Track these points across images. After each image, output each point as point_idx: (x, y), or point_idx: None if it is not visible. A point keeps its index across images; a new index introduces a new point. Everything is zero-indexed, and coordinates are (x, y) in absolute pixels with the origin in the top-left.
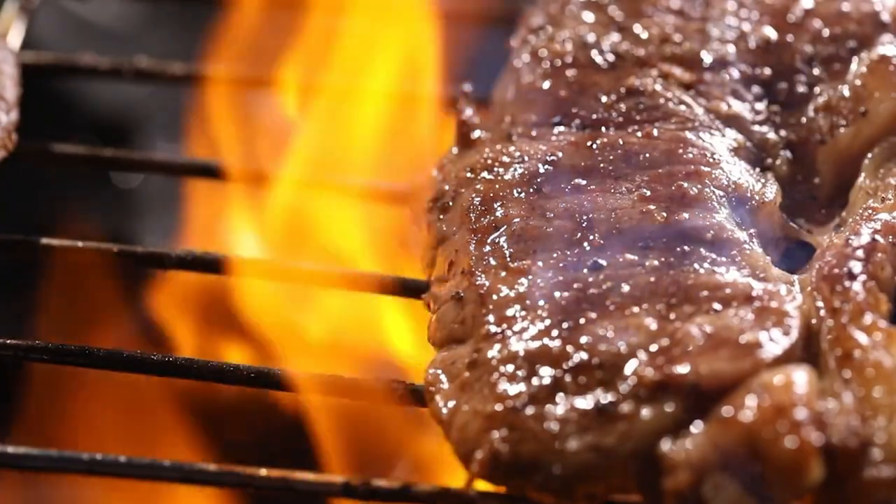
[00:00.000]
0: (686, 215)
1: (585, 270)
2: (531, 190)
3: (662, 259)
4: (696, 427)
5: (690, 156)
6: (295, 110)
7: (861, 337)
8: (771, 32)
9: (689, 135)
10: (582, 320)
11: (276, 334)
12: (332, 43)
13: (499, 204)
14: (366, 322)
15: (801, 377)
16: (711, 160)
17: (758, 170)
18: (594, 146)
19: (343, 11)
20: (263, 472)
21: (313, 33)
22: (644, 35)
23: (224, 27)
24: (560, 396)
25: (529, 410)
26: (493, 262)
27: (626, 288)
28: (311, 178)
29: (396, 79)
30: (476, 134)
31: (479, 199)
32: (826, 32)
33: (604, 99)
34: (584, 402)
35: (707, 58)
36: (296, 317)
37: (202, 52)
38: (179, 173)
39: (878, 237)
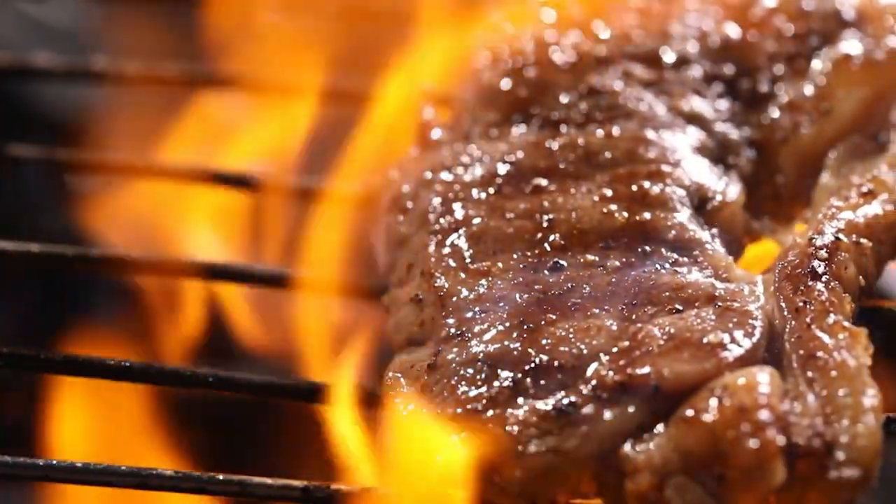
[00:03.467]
0: (647, 215)
1: (546, 271)
2: (491, 191)
3: (624, 260)
4: (659, 429)
5: (652, 155)
6: (252, 109)
7: (824, 337)
8: (733, 30)
9: (650, 134)
10: (542, 322)
11: (237, 336)
12: (291, 41)
13: (458, 205)
14: (321, 324)
15: (764, 378)
16: (673, 159)
17: (720, 169)
18: (554, 146)
19: (300, 10)
20: (221, 476)
21: (273, 32)
22: (605, 34)
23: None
24: (521, 399)
25: (490, 413)
26: (452, 263)
27: (587, 289)
28: (270, 179)
29: (358, 78)
30: (436, 134)
31: (438, 199)
32: (788, 30)
33: (564, 98)
34: (545, 405)
35: (668, 56)
36: (258, 319)
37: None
38: (140, 175)
39: (841, 236)
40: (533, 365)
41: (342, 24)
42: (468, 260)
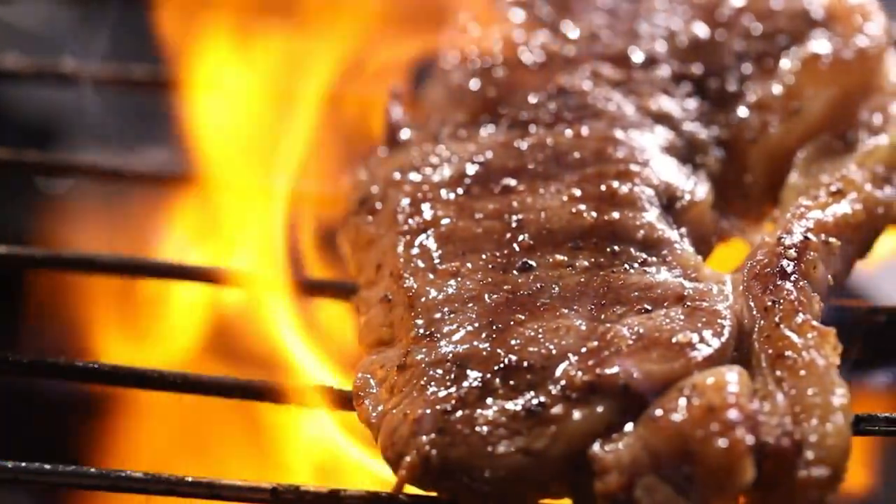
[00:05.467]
0: (616, 215)
1: (515, 272)
2: (460, 191)
3: (593, 259)
4: (628, 429)
5: (620, 155)
6: (222, 113)
7: (793, 336)
8: (701, 30)
9: (618, 134)
10: (511, 322)
11: (204, 334)
12: (256, 43)
13: (427, 205)
14: (293, 325)
15: (732, 377)
16: (641, 159)
17: (689, 168)
18: (523, 146)
19: (265, 12)
20: (190, 478)
21: (239, 34)
22: (573, 34)
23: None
24: (490, 399)
25: (459, 414)
26: (421, 264)
27: (556, 289)
28: (241, 182)
29: (324, 79)
30: (405, 135)
31: (407, 200)
32: (757, 30)
33: (533, 98)
34: (514, 405)
35: (637, 56)
36: (226, 319)
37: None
38: (108, 178)
39: (810, 235)
40: (502, 365)
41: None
42: (437, 260)
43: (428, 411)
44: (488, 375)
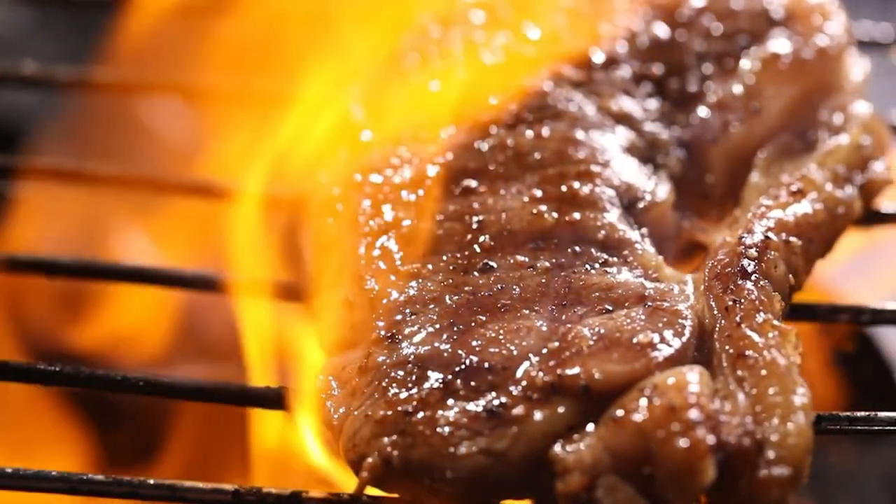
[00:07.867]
0: (577, 216)
1: (476, 273)
2: (421, 192)
3: (553, 260)
4: (589, 429)
5: (581, 155)
6: (186, 115)
7: (754, 336)
8: (661, 30)
9: (579, 134)
10: (472, 323)
11: (166, 340)
12: (221, 47)
13: (388, 207)
14: (255, 325)
15: (693, 377)
16: (602, 160)
17: (650, 168)
18: (484, 147)
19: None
20: (152, 481)
21: (201, 38)
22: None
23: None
24: (451, 401)
25: (420, 415)
26: (382, 266)
27: (517, 290)
28: (202, 183)
29: (284, 81)
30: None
31: (368, 202)
32: (717, 29)
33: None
34: (476, 406)
35: (597, 56)
36: (191, 323)
37: (93, 56)
38: (69, 180)
39: (771, 235)
40: (463, 366)
41: (267, 27)
42: (398, 262)
43: (389, 413)
44: (449, 377)
